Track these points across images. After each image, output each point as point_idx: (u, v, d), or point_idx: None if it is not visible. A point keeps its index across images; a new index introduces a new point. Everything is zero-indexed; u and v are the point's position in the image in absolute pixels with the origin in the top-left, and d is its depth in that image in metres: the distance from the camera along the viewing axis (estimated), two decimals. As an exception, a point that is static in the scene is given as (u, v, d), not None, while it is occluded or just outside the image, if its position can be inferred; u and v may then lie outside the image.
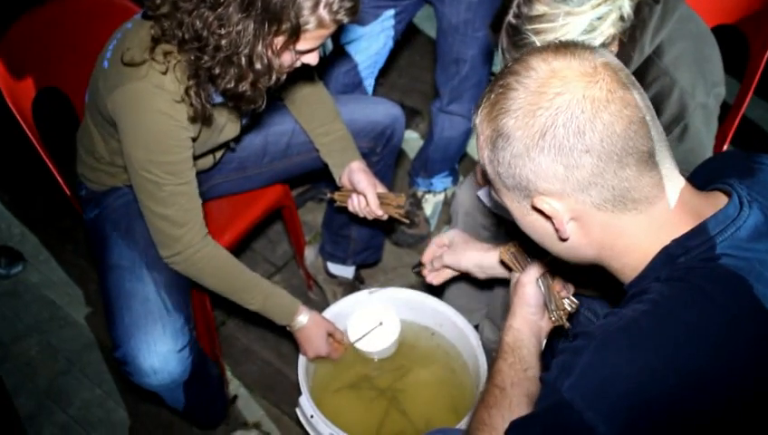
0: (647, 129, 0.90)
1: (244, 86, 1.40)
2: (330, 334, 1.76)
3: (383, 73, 2.78)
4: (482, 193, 1.77)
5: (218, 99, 1.50)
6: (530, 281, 1.27)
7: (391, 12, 2.15)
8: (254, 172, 1.89)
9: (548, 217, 0.94)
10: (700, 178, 1.06)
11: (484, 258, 1.51)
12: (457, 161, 2.54)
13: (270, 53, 1.38)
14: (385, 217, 1.77)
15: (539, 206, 0.93)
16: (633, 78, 0.93)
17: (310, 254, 2.29)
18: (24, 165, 2.55)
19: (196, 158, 1.64)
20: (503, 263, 1.40)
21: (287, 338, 2.18)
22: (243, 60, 1.35)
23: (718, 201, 0.96)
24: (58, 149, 1.76)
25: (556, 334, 1.33)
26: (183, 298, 1.61)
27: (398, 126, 1.93)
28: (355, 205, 1.79)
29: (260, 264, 2.42)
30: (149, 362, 1.52)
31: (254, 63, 1.37)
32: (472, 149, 2.74)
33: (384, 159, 1.95)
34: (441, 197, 2.55)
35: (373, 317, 1.83)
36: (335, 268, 2.24)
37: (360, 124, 1.88)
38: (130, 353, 1.52)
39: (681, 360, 0.84)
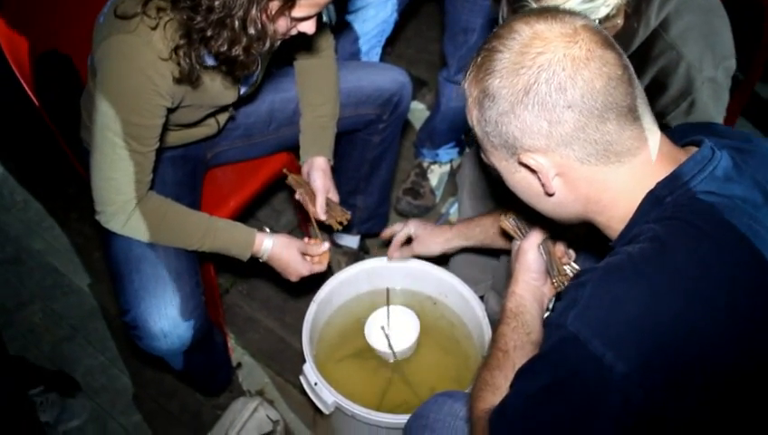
0: (626, 85, 0.93)
1: (237, 50, 1.37)
2: (303, 253, 1.71)
3: (390, 43, 2.76)
4: None
5: (210, 61, 1.47)
6: (531, 247, 1.30)
7: None
8: (260, 139, 1.87)
9: (534, 174, 0.98)
10: (671, 137, 1.09)
11: (449, 243, 1.71)
12: (463, 133, 2.52)
13: (264, 17, 1.35)
14: (326, 221, 1.78)
15: (525, 161, 0.96)
16: (612, 39, 0.97)
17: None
18: (27, 131, 2.54)
19: (197, 123, 1.62)
20: (503, 231, 1.42)
21: (291, 307, 2.19)
22: (236, 23, 1.32)
23: (692, 151, 1.00)
24: (62, 114, 1.74)
25: (558, 300, 1.33)
26: (192, 263, 1.59)
27: (405, 93, 1.91)
28: (302, 198, 1.80)
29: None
30: (159, 326, 1.51)
31: (248, 28, 1.34)
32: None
33: (391, 125, 1.94)
34: (447, 168, 2.54)
35: (393, 317, 1.82)
36: (340, 237, 2.23)
37: (367, 91, 1.86)
38: (141, 317, 1.51)
39: (685, 285, 0.87)
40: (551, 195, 0.99)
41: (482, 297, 1.87)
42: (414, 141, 2.58)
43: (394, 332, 1.79)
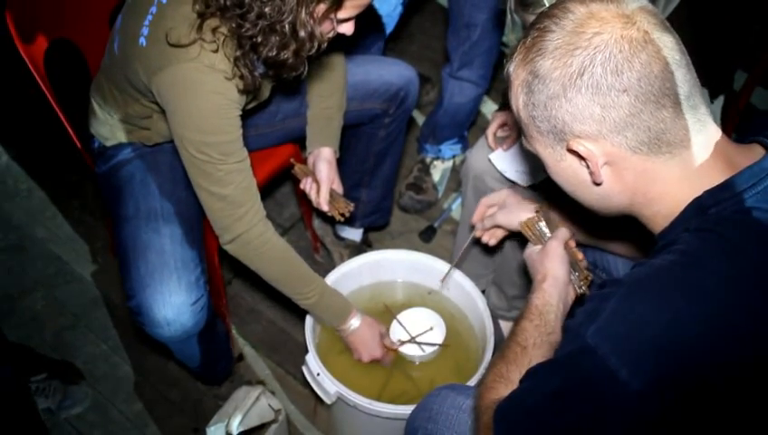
0: (684, 71, 0.90)
1: (287, 54, 1.38)
2: (381, 337, 1.78)
3: (393, 39, 2.77)
4: (494, 156, 1.77)
5: (260, 67, 1.48)
6: (560, 246, 1.30)
7: None
8: (266, 130, 1.88)
9: (582, 161, 0.95)
10: (743, 131, 1.06)
11: None
12: (467, 128, 2.53)
13: (312, 20, 1.36)
14: (328, 212, 1.79)
15: (574, 148, 0.93)
16: (668, 24, 0.93)
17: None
18: (30, 119, 2.54)
19: None
20: (523, 236, 1.42)
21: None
22: (286, 27, 1.33)
23: (754, 153, 0.96)
24: (69, 104, 1.75)
25: (578, 304, 1.33)
26: (198, 252, 1.61)
27: (411, 88, 1.92)
28: (307, 187, 1.81)
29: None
30: (163, 314, 1.52)
31: (298, 31, 1.35)
32: (481, 116, 2.73)
33: (396, 120, 1.95)
34: (449, 163, 2.55)
35: (420, 319, 1.83)
36: (343, 230, 2.24)
37: (374, 85, 1.87)
38: (145, 304, 1.52)
39: (710, 309, 0.83)
40: (598, 184, 0.96)
41: (483, 292, 1.89)
42: (417, 137, 2.60)
43: (419, 334, 1.80)
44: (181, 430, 1.93)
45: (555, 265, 1.28)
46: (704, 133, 0.93)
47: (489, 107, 2.81)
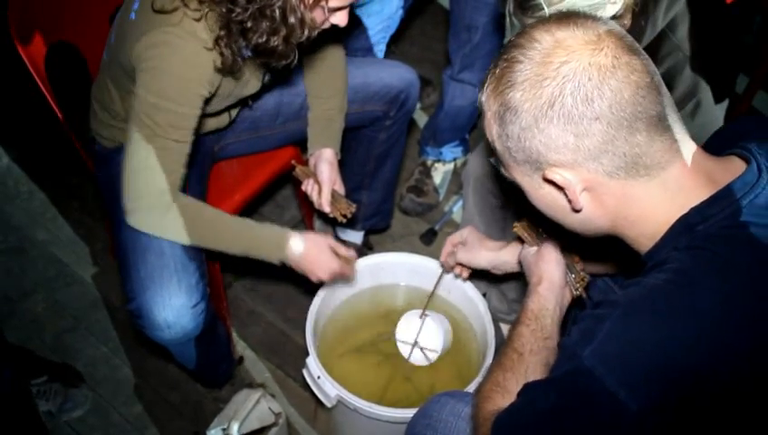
0: (655, 93, 0.89)
1: (276, 41, 1.38)
2: (333, 250, 1.66)
3: (395, 42, 2.76)
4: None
5: (247, 53, 1.48)
6: (555, 249, 1.30)
7: None
8: (267, 133, 1.88)
9: (560, 189, 0.94)
10: (717, 141, 1.05)
11: (498, 257, 1.53)
12: (468, 131, 2.52)
13: (303, 7, 1.36)
14: (330, 213, 1.77)
15: (551, 177, 0.92)
16: (637, 45, 0.92)
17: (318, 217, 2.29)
18: (30, 122, 2.54)
19: (215, 114, 1.62)
20: (519, 238, 1.41)
21: (293, 301, 2.19)
22: (276, 12, 1.33)
23: (734, 166, 0.95)
24: (70, 106, 1.75)
25: (574, 306, 1.33)
26: (198, 255, 1.60)
27: (412, 90, 1.91)
28: (309, 189, 1.80)
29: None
30: (164, 316, 1.51)
31: (288, 17, 1.34)
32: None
33: (397, 122, 1.94)
34: (450, 166, 2.54)
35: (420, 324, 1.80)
36: (344, 233, 2.24)
37: (375, 88, 1.87)
38: (145, 307, 1.51)
39: (706, 327, 0.83)
40: (577, 211, 0.96)
41: (484, 295, 1.88)
42: (418, 139, 2.59)
43: (424, 339, 1.78)
44: (181, 432, 1.93)
45: (551, 268, 1.28)
46: (681, 152, 0.92)
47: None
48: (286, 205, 2.47)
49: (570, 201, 0.94)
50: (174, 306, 1.51)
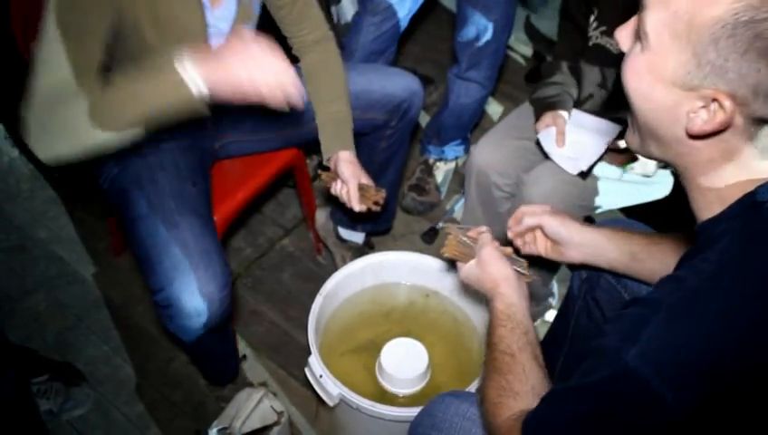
0: None
1: None
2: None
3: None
4: (543, 136, 1.77)
5: None
6: (493, 251, 1.29)
7: None
8: (267, 136, 1.87)
9: (705, 108, 0.85)
10: None
11: (590, 236, 1.36)
12: (470, 130, 2.53)
13: None
14: (363, 209, 1.75)
15: (724, 103, 0.82)
16: None
17: (321, 216, 2.29)
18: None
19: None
20: (449, 258, 1.39)
21: (295, 300, 2.20)
22: None
23: None
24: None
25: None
26: (216, 243, 1.58)
27: (415, 100, 1.89)
28: (337, 190, 1.78)
29: (269, 226, 2.43)
30: (193, 304, 1.49)
31: None
32: (486, 117, 2.74)
33: (399, 131, 1.93)
34: (452, 165, 2.55)
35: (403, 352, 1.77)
36: (346, 233, 2.24)
37: (377, 96, 1.86)
38: (174, 295, 1.49)
39: (752, 330, 0.80)
40: (692, 136, 0.87)
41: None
42: (420, 138, 2.59)
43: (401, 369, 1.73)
44: (183, 432, 1.92)
45: (500, 267, 1.27)
46: None
47: (494, 108, 2.81)
48: (288, 203, 2.48)
49: (694, 122, 0.85)
50: (204, 293, 1.50)
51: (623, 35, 0.93)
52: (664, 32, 0.84)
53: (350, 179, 1.74)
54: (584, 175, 1.74)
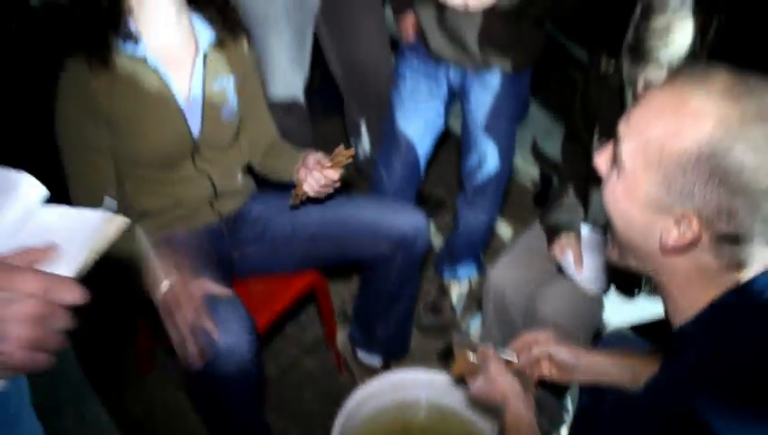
0: None
1: None
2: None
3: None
4: (564, 262, 1.85)
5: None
6: (499, 365, 1.39)
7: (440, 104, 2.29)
8: (284, 250, 1.97)
9: (677, 228, 0.93)
10: None
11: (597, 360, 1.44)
12: (481, 251, 2.62)
13: None
14: (337, 175, 1.75)
15: (694, 225, 0.91)
16: None
17: (341, 335, 2.35)
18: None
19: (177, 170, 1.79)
20: (461, 379, 1.48)
21: (316, 421, 2.21)
22: None
23: None
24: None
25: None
26: (239, 298, 1.69)
27: (420, 235, 1.95)
28: (313, 185, 1.77)
29: (291, 345, 2.48)
30: (224, 340, 1.55)
31: None
32: (496, 237, 2.82)
33: (408, 264, 2.01)
34: (466, 285, 2.62)
35: None
36: (363, 355, 2.31)
37: (384, 228, 1.93)
38: (205, 335, 1.56)
39: None
40: (668, 251, 0.95)
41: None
42: (434, 261, 2.68)
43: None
44: None
45: (507, 383, 1.36)
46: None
47: (503, 229, 2.90)
48: (309, 324, 2.53)
49: (666, 240, 0.94)
50: (233, 330, 1.57)
51: (600, 162, 1.05)
52: (638, 160, 0.94)
53: (310, 165, 1.79)
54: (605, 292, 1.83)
